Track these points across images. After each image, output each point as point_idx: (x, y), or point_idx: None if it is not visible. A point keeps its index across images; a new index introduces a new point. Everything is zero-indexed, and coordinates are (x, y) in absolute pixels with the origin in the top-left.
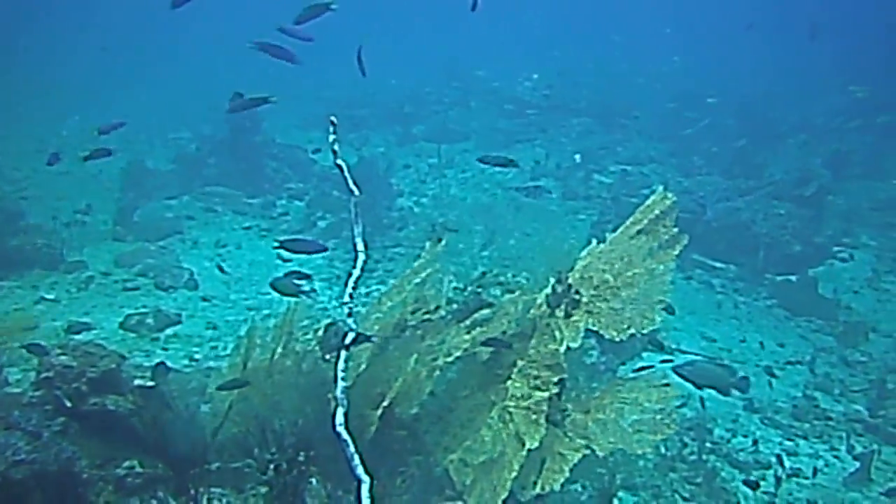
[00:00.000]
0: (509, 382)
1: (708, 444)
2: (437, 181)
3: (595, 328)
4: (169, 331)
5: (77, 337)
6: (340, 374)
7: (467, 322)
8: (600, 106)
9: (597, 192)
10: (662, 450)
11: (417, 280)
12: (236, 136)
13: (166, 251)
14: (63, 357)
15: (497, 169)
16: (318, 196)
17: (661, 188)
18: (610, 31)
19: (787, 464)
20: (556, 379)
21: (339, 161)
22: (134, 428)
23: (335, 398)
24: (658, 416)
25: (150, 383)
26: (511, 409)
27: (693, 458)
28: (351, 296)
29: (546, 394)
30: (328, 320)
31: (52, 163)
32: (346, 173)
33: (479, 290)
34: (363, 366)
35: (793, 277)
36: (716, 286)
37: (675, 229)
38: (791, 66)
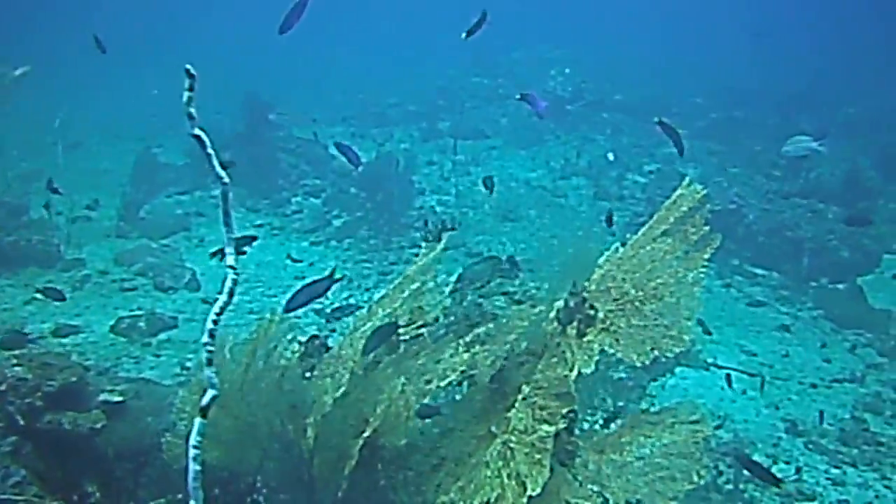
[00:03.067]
0: (512, 412)
1: (745, 472)
2: (459, 179)
3: (613, 350)
4: (163, 335)
5: (64, 340)
6: (193, 452)
7: (466, 338)
8: (635, 102)
9: (631, 192)
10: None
11: (413, 287)
12: (252, 131)
13: (169, 249)
14: (18, 368)
15: (525, 167)
16: (335, 193)
17: (687, 179)
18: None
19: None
20: (564, 410)
21: (196, 131)
22: (97, 449)
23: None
24: (686, 460)
25: (119, 398)
26: (512, 445)
27: (729, 487)
28: (213, 334)
29: (552, 428)
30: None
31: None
32: (209, 149)
33: (482, 300)
34: (344, 387)
35: (840, 286)
36: (757, 295)
37: (707, 228)
38: (836, 61)
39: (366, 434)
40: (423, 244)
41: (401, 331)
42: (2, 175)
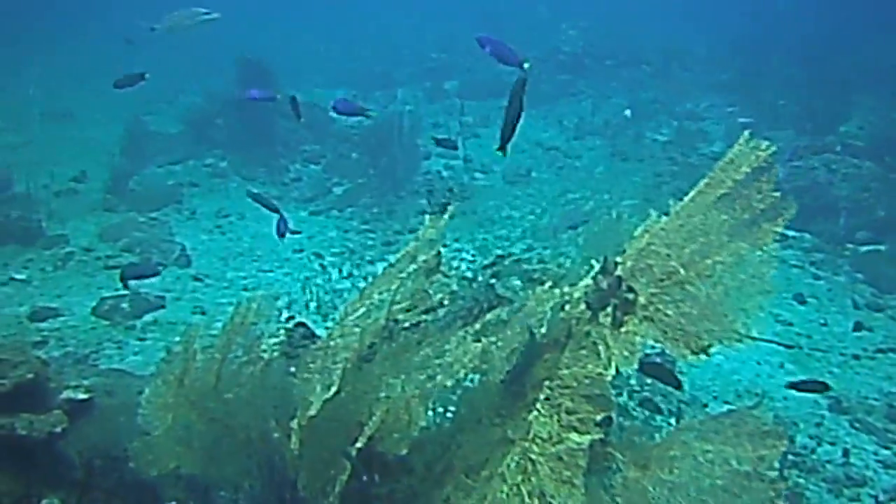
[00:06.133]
0: (532, 415)
1: (789, 456)
2: (467, 141)
3: (660, 343)
4: (148, 317)
5: (42, 325)
6: None
7: (476, 326)
8: (652, 56)
9: (650, 151)
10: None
11: (415, 266)
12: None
13: (158, 223)
14: None
15: (536, 127)
16: (336, 159)
17: (747, 133)
18: None
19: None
20: (599, 417)
21: None
22: (60, 456)
23: None
24: (756, 483)
25: (84, 396)
26: (534, 456)
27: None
28: None
29: (584, 438)
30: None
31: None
32: None
33: (493, 280)
34: (335, 386)
35: (881, 247)
36: (790, 259)
37: (777, 193)
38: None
39: (360, 442)
40: (427, 216)
41: (400, 318)
42: None
